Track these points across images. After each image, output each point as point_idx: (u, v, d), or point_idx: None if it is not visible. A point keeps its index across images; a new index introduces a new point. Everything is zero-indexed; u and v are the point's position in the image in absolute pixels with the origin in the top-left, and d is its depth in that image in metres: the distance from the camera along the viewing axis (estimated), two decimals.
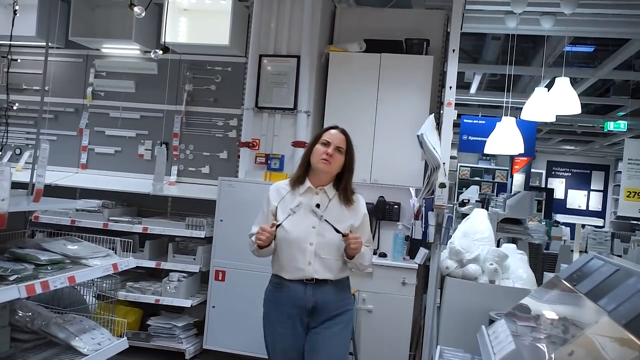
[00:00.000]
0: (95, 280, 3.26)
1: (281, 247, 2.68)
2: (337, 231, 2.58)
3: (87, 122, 5.42)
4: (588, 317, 2.02)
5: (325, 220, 2.61)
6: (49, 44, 3.60)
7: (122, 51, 5.35)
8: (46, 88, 3.62)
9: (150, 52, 4.69)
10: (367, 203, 4.86)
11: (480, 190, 12.04)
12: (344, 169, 2.75)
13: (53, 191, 4.42)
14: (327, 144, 2.70)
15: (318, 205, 2.68)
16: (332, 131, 2.76)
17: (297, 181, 2.75)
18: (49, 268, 2.53)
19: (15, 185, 2.49)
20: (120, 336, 3.03)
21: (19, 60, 2.60)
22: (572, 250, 5.11)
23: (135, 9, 4.23)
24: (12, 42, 2.86)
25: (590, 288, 2.20)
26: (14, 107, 2.67)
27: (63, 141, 5.40)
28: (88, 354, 2.64)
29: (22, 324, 2.70)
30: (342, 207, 2.72)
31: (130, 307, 4.73)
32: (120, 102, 5.36)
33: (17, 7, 2.45)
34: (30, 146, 5.44)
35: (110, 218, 4.80)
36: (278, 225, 2.60)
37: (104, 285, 3.43)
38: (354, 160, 2.78)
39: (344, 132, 2.78)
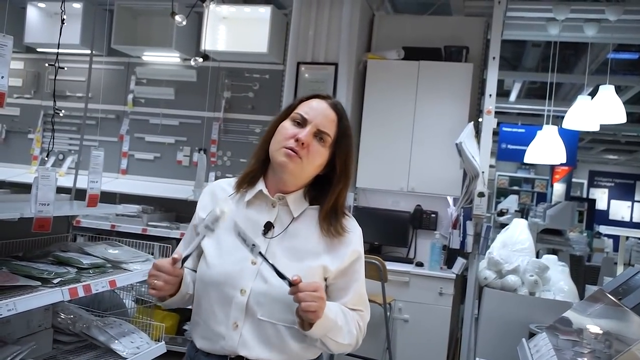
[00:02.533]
0: (135, 284, 3.30)
1: (198, 291, 1.55)
2: (280, 275, 1.36)
3: (128, 129, 5.52)
4: (634, 332, 1.97)
5: (260, 254, 1.38)
6: (92, 51, 3.69)
7: (163, 59, 5.44)
8: (89, 95, 3.70)
9: (189, 59, 4.76)
10: (403, 212, 4.93)
11: (519, 200, 11.83)
12: (331, 174, 1.56)
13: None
14: (302, 122, 1.52)
15: (269, 226, 1.52)
16: (314, 102, 1.56)
17: (245, 180, 1.60)
18: (90, 272, 2.57)
19: (58, 190, 2.54)
20: (158, 340, 3.06)
21: (65, 69, 2.66)
22: (615, 263, 4.97)
23: (177, 17, 4.31)
24: (58, 51, 2.94)
25: (637, 302, 2.14)
26: (61, 114, 2.73)
27: (104, 147, 5.41)
28: (127, 357, 2.67)
29: (64, 327, 2.75)
30: (317, 235, 1.54)
31: (167, 311, 4.78)
32: (160, 108, 5.45)
33: (64, 17, 2.51)
34: (72, 152, 5.57)
35: (149, 223, 4.87)
36: (184, 260, 1.43)
37: (143, 289, 3.47)
38: (352, 160, 1.59)
39: (336, 106, 1.58)
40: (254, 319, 1.46)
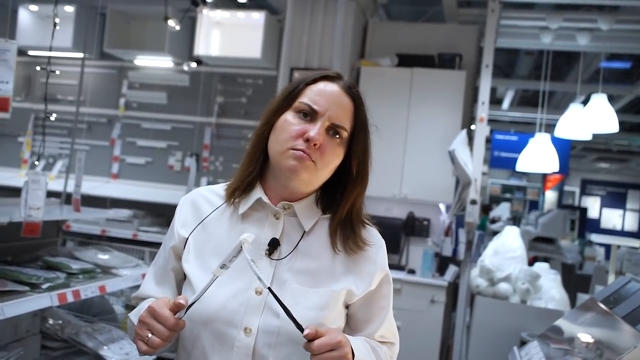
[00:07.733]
0: (124, 289, 3.28)
1: (183, 333, 1.20)
2: (293, 320, 1.06)
3: (120, 133, 5.50)
4: (626, 341, 1.96)
5: (270, 290, 1.07)
6: (85, 55, 3.67)
7: (155, 63, 5.43)
8: (81, 99, 3.69)
9: (182, 64, 4.74)
10: (395, 219, 4.93)
11: (511, 208, 11.84)
12: (346, 175, 1.28)
13: (84, 201, 4.47)
14: (311, 113, 1.20)
15: (274, 244, 1.21)
16: (323, 86, 1.24)
17: (239, 188, 1.25)
18: (80, 277, 2.55)
19: (48, 194, 2.51)
20: None
21: (57, 72, 2.64)
22: (607, 272, 4.99)
23: (170, 22, 4.30)
24: (50, 54, 2.92)
25: (629, 311, 2.14)
26: (52, 118, 2.71)
27: (95, 151, 5.48)
28: None
29: (53, 332, 2.72)
30: (333, 252, 1.23)
31: None
32: (152, 113, 5.43)
33: (57, 20, 2.49)
34: (63, 155, 5.53)
35: (140, 228, 4.84)
36: (189, 307, 1.09)
37: (132, 295, 3.44)
38: (370, 157, 1.33)
39: (351, 90, 1.29)
40: None
